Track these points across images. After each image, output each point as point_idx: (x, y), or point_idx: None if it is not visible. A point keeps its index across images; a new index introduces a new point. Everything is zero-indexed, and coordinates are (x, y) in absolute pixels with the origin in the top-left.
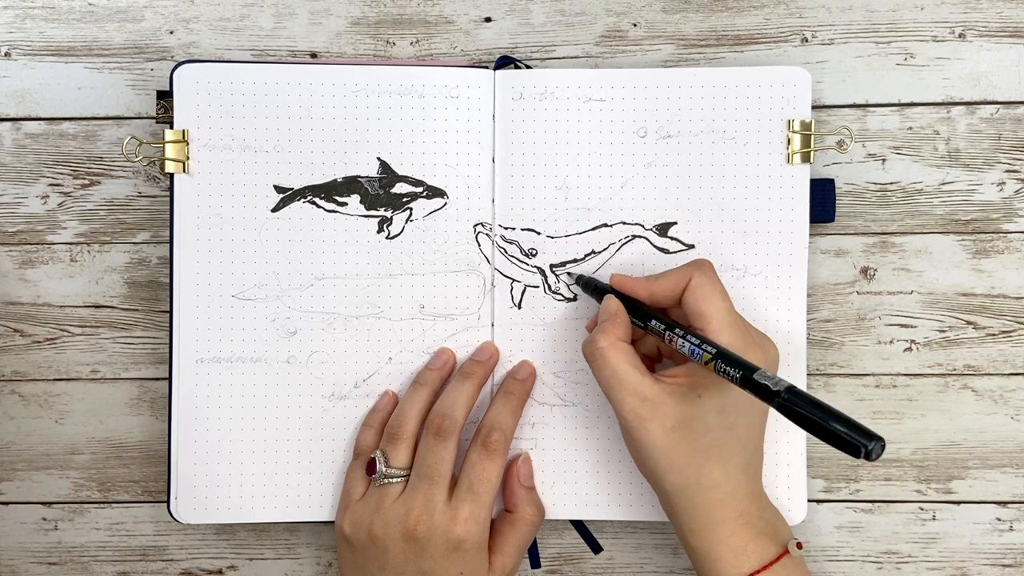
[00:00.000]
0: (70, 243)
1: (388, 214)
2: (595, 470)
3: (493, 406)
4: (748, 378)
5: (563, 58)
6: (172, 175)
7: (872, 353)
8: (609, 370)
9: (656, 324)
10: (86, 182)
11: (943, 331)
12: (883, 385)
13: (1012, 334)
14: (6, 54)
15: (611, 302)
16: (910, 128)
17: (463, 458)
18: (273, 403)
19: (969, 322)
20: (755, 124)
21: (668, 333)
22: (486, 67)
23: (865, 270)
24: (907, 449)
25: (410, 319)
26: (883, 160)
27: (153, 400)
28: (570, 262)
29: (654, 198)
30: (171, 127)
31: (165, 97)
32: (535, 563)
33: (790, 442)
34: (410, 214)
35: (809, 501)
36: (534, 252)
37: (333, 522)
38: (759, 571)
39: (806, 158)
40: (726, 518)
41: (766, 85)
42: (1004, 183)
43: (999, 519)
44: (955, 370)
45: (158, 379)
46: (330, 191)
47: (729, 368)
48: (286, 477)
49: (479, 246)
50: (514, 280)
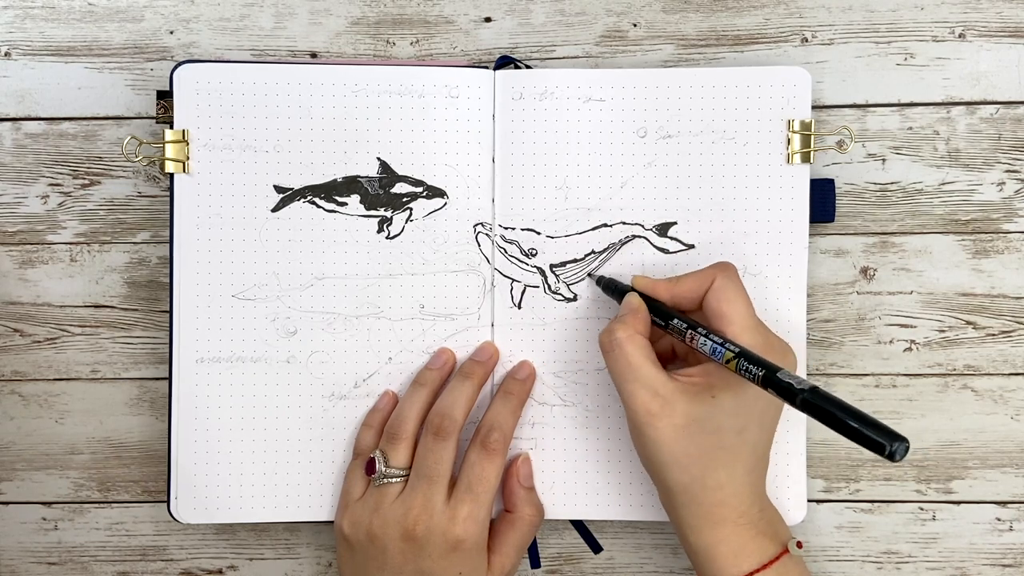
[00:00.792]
0: (70, 243)
1: (388, 214)
2: (595, 470)
3: (492, 406)
4: (771, 377)
5: (563, 58)
6: (172, 175)
7: (872, 353)
8: (624, 361)
9: (678, 323)
10: (86, 182)
11: (943, 331)
12: (883, 385)
13: (1012, 334)
14: (6, 54)
15: (633, 298)
16: (910, 128)
17: (462, 458)
18: (273, 403)
19: (969, 322)
20: (755, 124)
21: (690, 332)
22: (486, 67)
23: (865, 270)
24: None
25: (410, 319)
26: (883, 160)
27: (153, 400)
28: (570, 262)
29: (654, 198)
30: (171, 127)
31: (165, 97)
32: (535, 563)
33: (790, 442)
34: (410, 214)
35: (809, 501)
36: (534, 252)
37: (333, 522)
38: (758, 570)
39: (806, 158)
40: (727, 518)
41: (766, 85)
42: (1004, 183)
43: (999, 519)
44: (955, 370)
45: (158, 379)
46: (330, 191)
47: (752, 367)
48: (286, 477)
49: (479, 246)
50: (514, 280)
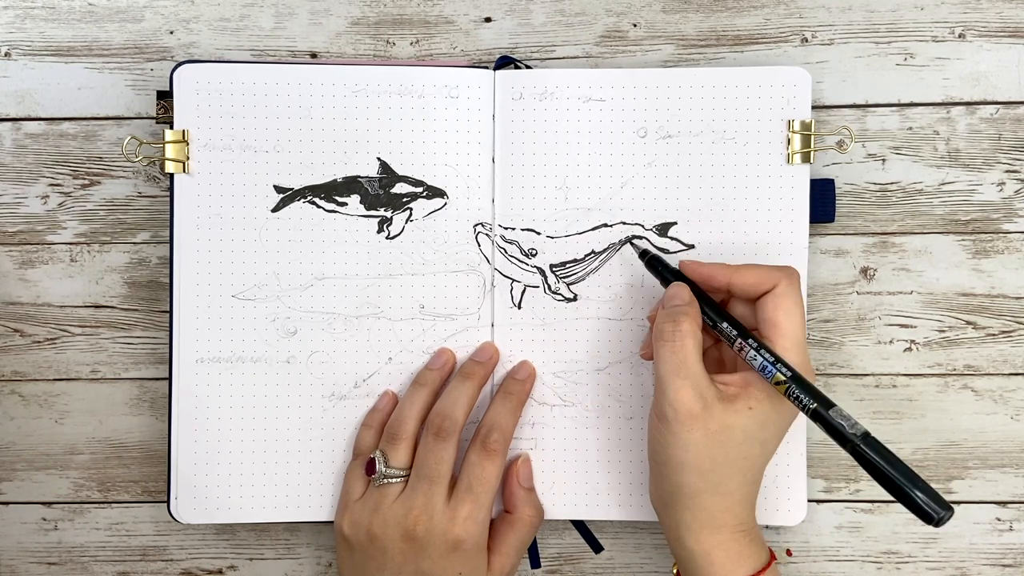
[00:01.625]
0: (70, 243)
1: (388, 214)
2: (595, 470)
3: (492, 406)
4: (820, 413)
5: (563, 58)
6: (172, 175)
7: (872, 353)
8: (683, 355)
9: (728, 328)
10: (86, 182)
11: (943, 331)
12: (883, 385)
13: (1012, 334)
14: (6, 54)
15: (684, 291)
16: (910, 128)
17: (463, 458)
18: (273, 403)
19: (969, 322)
20: (755, 124)
21: (739, 341)
22: (486, 67)
23: (865, 270)
24: (907, 449)
25: (410, 319)
26: (883, 160)
27: (153, 400)
28: (570, 262)
29: (654, 198)
30: (171, 127)
31: (165, 97)
32: (535, 563)
33: (790, 442)
34: (410, 214)
35: (809, 501)
36: (534, 252)
37: (333, 522)
38: None
39: (806, 158)
40: (727, 524)
41: (766, 85)
42: (1004, 183)
43: (999, 519)
44: (955, 370)
45: (158, 379)
46: (330, 191)
47: (803, 396)
48: (286, 477)
49: (479, 246)
50: (514, 280)
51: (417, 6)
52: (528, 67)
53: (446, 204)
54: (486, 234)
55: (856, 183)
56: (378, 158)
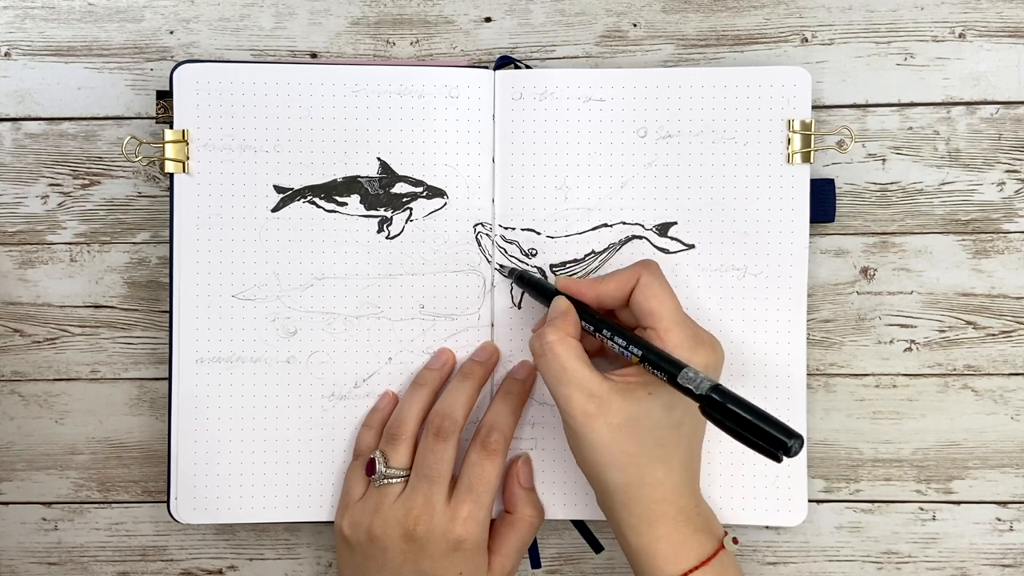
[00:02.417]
0: (70, 243)
1: (388, 214)
2: None
3: (492, 406)
4: (674, 380)
5: (563, 58)
6: (172, 175)
7: (872, 353)
8: (558, 365)
9: (587, 326)
10: (86, 182)
11: (943, 331)
12: (883, 385)
13: (1012, 334)
14: (6, 54)
15: (561, 301)
16: (910, 128)
17: (463, 458)
18: (273, 403)
19: (969, 322)
20: (755, 124)
21: (598, 333)
22: (486, 67)
23: (865, 270)
24: (907, 449)
25: (410, 319)
26: (883, 160)
27: (153, 400)
28: (570, 262)
29: (654, 198)
30: (171, 127)
31: (165, 97)
32: (535, 563)
33: None
34: (410, 214)
35: (809, 501)
36: (534, 252)
37: (333, 522)
38: (698, 567)
39: (806, 158)
40: (666, 514)
41: (766, 85)
42: (1004, 183)
43: (999, 519)
44: (955, 370)
45: (158, 379)
46: (330, 191)
47: (657, 369)
48: (286, 477)
49: (479, 246)
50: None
51: (417, 6)
52: (528, 67)
53: (446, 204)
54: (486, 234)
55: (856, 183)
56: (378, 158)
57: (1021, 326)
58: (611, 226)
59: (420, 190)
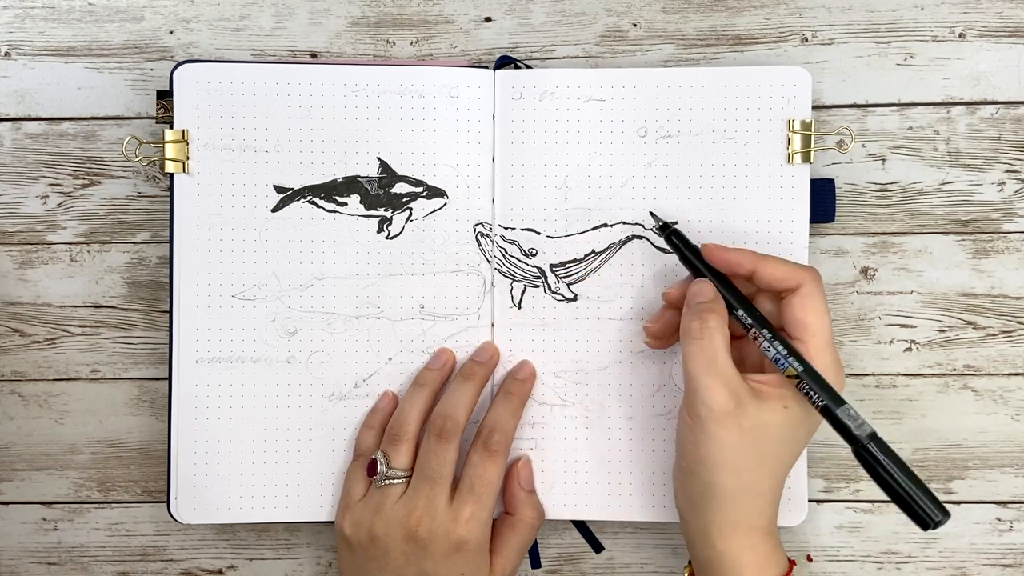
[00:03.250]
0: (70, 243)
1: (388, 214)
2: (595, 470)
3: (493, 407)
4: (830, 410)
5: (563, 58)
6: (172, 175)
7: (872, 353)
8: (712, 352)
9: (744, 316)
10: (86, 182)
11: (943, 331)
12: (883, 385)
13: (1012, 334)
14: (6, 54)
15: (708, 287)
16: (910, 128)
17: (464, 459)
18: (273, 403)
19: (969, 322)
20: (755, 124)
21: (754, 331)
22: (486, 67)
23: (865, 270)
24: (907, 449)
25: (410, 319)
26: (883, 160)
27: (153, 400)
28: (570, 262)
29: (654, 198)
30: (171, 127)
31: (165, 97)
32: (535, 563)
33: None
34: (410, 214)
35: (809, 501)
36: (534, 252)
37: (333, 522)
38: None
39: (806, 158)
40: (759, 526)
41: (766, 85)
42: (1004, 183)
43: (999, 519)
44: (955, 370)
45: (158, 379)
46: (330, 191)
47: (813, 392)
48: (286, 477)
49: (479, 246)
50: (514, 280)
51: (417, 6)
52: (528, 67)
53: (446, 204)
54: (486, 234)
55: (856, 183)
56: (378, 158)
57: (1021, 326)
58: (611, 226)
59: (420, 190)
